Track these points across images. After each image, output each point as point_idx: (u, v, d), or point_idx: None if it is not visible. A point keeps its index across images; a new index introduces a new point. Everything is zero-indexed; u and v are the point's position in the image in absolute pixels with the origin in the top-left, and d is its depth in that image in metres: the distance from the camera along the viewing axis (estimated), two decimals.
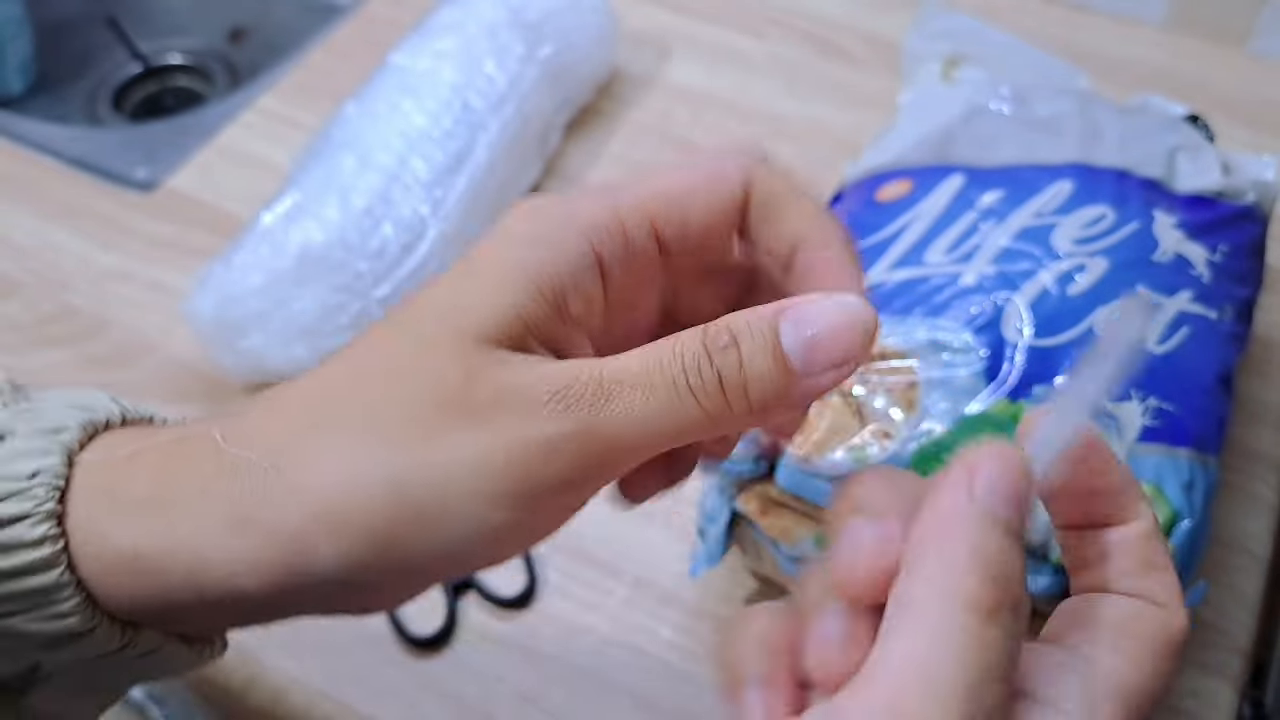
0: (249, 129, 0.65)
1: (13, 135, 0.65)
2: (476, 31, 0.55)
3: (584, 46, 0.60)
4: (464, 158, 0.51)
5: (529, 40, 0.56)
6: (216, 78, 0.84)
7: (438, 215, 0.50)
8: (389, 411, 0.19)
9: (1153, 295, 0.40)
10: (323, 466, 0.19)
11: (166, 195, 0.61)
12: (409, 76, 0.53)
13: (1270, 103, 0.65)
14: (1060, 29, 0.70)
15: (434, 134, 0.51)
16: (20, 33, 0.76)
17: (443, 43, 0.54)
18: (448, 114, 0.52)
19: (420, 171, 0.50)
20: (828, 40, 0.70)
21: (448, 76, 0.53)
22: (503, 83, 0.53)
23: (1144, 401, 0.37)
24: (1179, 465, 0.36)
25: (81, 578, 0.20)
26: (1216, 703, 0.42)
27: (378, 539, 0.19)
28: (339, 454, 0.19)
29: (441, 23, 0.56)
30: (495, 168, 0.53)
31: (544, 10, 0.58)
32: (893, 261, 0.42)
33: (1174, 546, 0.35)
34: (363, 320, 0.48)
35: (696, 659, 0.44)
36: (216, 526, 0.19)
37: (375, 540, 0.19)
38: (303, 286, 0.47)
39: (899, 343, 0.39)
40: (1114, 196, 0.43)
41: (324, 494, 0.19)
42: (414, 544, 0.19)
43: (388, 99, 0.52)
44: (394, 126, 0.51)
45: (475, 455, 0.19)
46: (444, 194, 0.50)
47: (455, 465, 0.19)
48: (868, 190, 0.47)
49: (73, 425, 0.21)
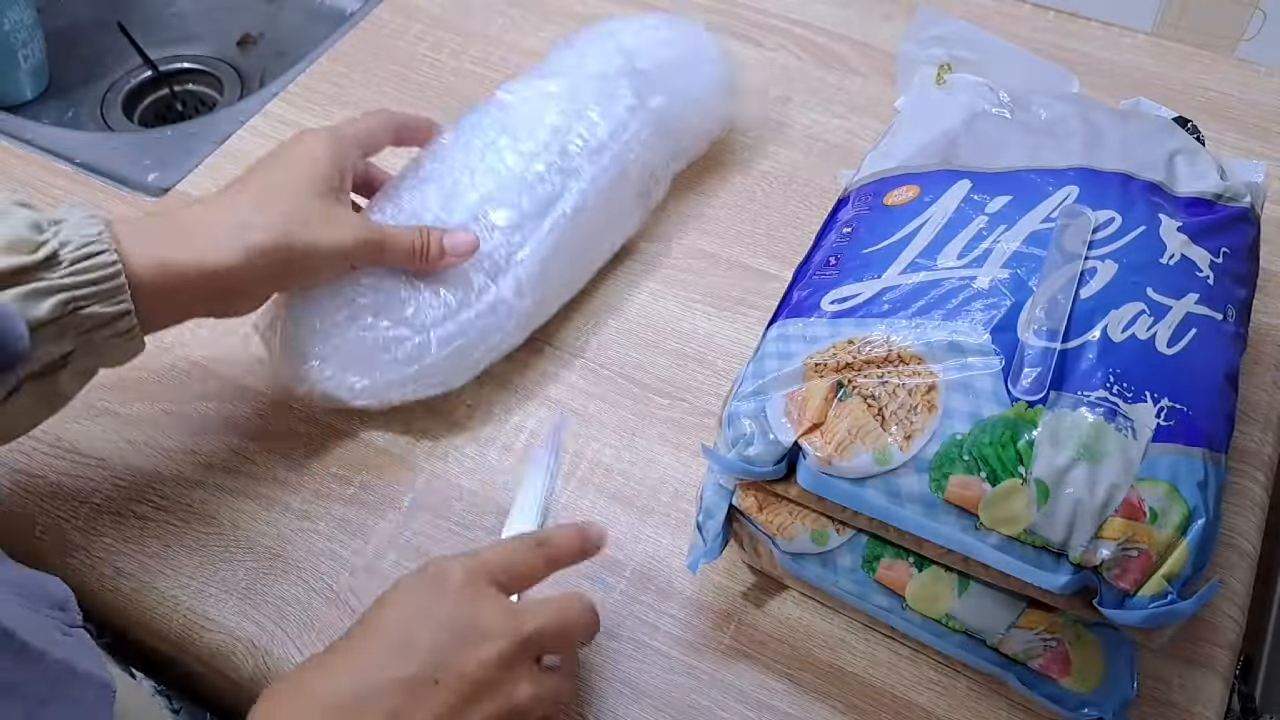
0: (258, 134, 0.66)
1: (25, 140, 0.66)
2: (587, 76, 0.54)
3: (700, 99, 0.57)
4: (552, 204, 0.50)
5: (639, 89, 0.54)
6: (226, 84, 0.85)
7: (514, 260, 0.49)
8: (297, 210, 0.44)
9: (1162, 297, 0.40)
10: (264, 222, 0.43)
11: (177, 199, 0.63)
12: (511, 114, 0.52)
13: (1258, 107, 0.66)
14: (1052, 35, 0.71)
15: (525, 176, 0.50)
16: (32, 39, 0.77)
17: (552, 84, 0.53)
18: (542, 157, 0.50)
19: (503, 214, 0.49)
20: (823, 47, 0.71)
21: (549, 119, 0.51)
22: (604, 131, 0.52)
23: (1158, 403, 0.37)
24: (1194, 464, 0.37)
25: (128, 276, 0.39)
26: (1206, 696, 0.43)
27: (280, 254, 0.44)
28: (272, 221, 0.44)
29: (555, 65, 0.55)
30: (585, 216, 0.51)
31: (659, 60, 0.56)
32: (906, 265, 0.43)
33: (1188, 544, 0.36)
34: (421, 354, 0.48)
35: (695, 651, 0.44)
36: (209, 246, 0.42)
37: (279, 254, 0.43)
38: (359, 318, 0.47)
39: (917, 345, 0.39)
40: (1120, 200, 0.43)
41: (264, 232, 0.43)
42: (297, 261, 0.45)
43: (484, 135, 0.51)
44: (486, 164, 0.50)
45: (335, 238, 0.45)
46: (524, 239, 0.49)
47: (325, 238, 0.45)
48: (875, 195, 0.48)
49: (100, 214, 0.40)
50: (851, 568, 0.41)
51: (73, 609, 0.34)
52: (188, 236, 0.42)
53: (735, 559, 0.47)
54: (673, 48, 0.57)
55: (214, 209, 0.43)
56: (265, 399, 0.53)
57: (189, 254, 0.41)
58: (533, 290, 0.50)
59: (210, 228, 0.42)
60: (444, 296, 0.48)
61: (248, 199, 0.44)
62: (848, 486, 0.39)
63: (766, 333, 0.45)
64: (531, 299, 0.50)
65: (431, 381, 0.49)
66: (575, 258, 0.53)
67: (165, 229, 0.42)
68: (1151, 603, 0.36)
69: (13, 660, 0.30)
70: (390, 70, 0.70)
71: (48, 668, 0.30)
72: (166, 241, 0.41)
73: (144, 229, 0.41)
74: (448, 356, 0.48)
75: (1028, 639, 0.39)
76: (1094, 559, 0.36)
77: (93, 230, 0.39)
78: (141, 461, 0.50)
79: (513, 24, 0.73)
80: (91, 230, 0.39)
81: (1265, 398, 0.52)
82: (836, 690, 0.43)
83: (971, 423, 0.37)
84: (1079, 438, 0.37)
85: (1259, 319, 0.54)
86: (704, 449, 0.42)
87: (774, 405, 0.40)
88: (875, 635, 0.45)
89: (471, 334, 0.49)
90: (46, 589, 0.34)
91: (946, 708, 0.43)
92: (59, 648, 0.31)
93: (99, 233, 0.39)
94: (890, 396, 0.38)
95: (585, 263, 0.54)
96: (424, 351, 0.48)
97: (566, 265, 0.52)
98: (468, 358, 0.49)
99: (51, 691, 0.30)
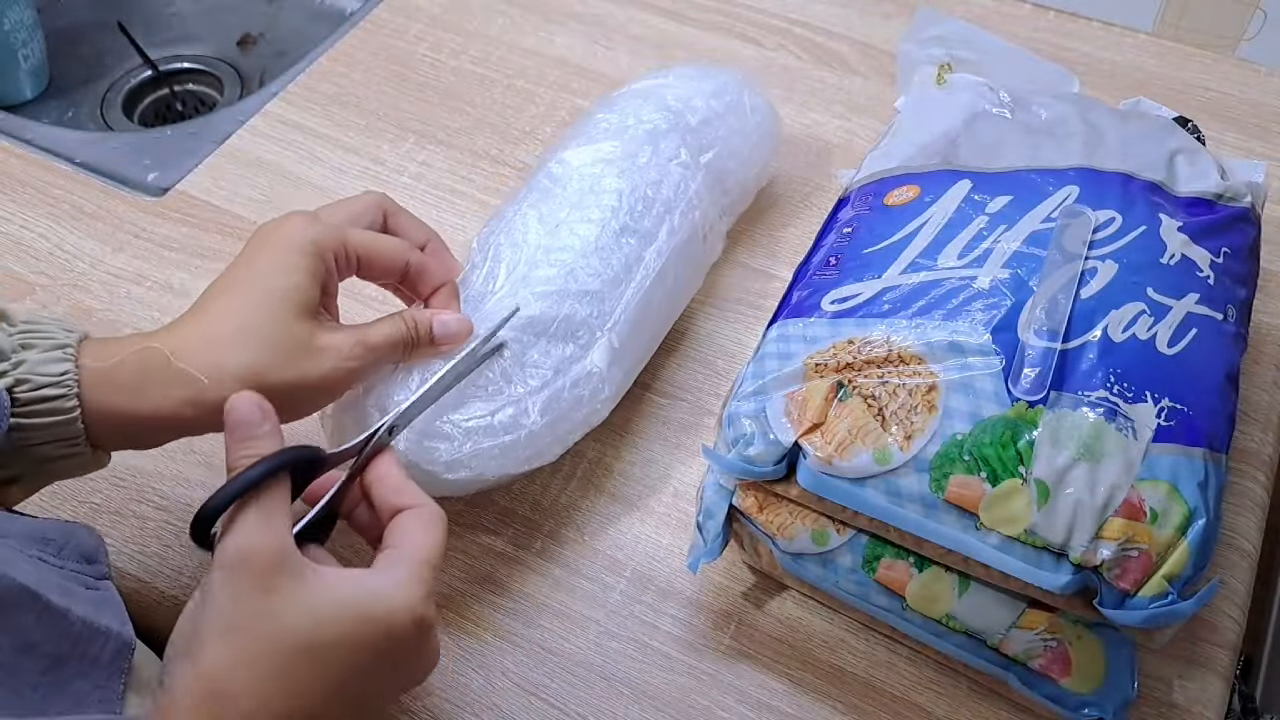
0: (258, 134, 0.66)
1: (25, 140, 0.66)
2: (639, 137, 0.52)
3: (746, 151, 0.56)
4: (631, 269, 0.48)
5: (690, 145, 0.53)
6: (226, 84, 0.85)
7: (603, 328, 0.47)
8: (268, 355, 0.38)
9: (1162, 297, 0.40)
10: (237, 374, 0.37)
11: (177, 198, 0.63)
12: (569, 186, 0.50)
13: (1259, 107, 0.66)
14: (1052, 35, 0.71)
15: (601, 243, 0.48)
16: (32, 39, 0.77)
17: (606, 146, 0.51)
18: (612, 224, 0.48)
19: (590, 284, 0.47)
20: (823, 47, 0.71)
21: (611, 184, 0.50)
22: (668, 190, 0.51)
23: (1158, 403, 0.37)
24: (1194, 465, 0.37)
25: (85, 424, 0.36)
26: (1206, 696, 0.43)
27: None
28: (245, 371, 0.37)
29: (599, 127, 0.53)
30: (663, 279, 0.49)
31: (705, 114, 0.55)
32: (906, 265, 0.43)
33: (1189, 544, 0.36)
34: (516, 426, 0.44)
35: (695, 651, 0.44)
36: (170, 404, 0.37)
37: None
38: (452, 390, 0.43)
39: (917, 345, 0.39)
40: (1120, 200, 0.43)
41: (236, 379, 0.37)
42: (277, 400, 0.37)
43: (552, 209, 0.49)
44: (560, 241, 0.48)
45: (318, 370, 0.39)
46: (611, 307, 0.47)
47: (306, 377, 0.39)
48: (875, 195, 0.48)
49: (72, 343, 0.37)
50: (852, 568, 0.41)
51: (101, 560, 0.36)
52: (159, 382, 0.37)
53: (735, 559, 0.47)
54: (717, 99, 0.55)
55: (191, 331, 0.38)
56: None
57: (155, 404, 0.37)
58: (623, 359, 0.48)
59: (177, 367, 0.37)
60: (540, 364, 0.45)
61: (221, 319, 0.38)
62: (848, 486, 0.39)
63: (767, 333, 0.45)
64: (621, 368, 0.48)
65: (523, 455, 0.45)
66: (657, 321, 0.51)
67: (133, 370, 0.37)
68: (1152, 603, 0.36)
69: (35, 619, 0.31)
70: (390, 70, 0.70)
71: (69, 625, 0.31)
72: (130, 389, 0.37)
73: (111, 374, 0.37)
74: (545, 427, 0.45)
75: (1028, 639, 0.39)
76: (1094, 559, 0.36)
77: (57, 370, 0.36)
78: (141, 461, 0.50)
79: (513, 24, 0.73)
80: (56, 369, 0.36)
81: (1266, 398, 0.52)
82: (837, 690, 0.43)
83: (972, 423, 0.37)
84: (1079, 438, 0.36)
85: (1259, 319, 0.54)
86: (704, 449, 0.42)
87: (774, 405, 0.40)
88: (875, 635, 0.45)
89: (564, 404, 0.45)
90: (76, 538, 0.36)
91: (947, 708, 0.43)
92: (81, 603, 0.32)
93: (62, 374, 0.36)
94: (890, 396, 0.38)
95: (664, 325, 0.52)
96: (520, 420, 0.44)
97: (650, 329, 0.50)
98: (559, 429, 0.46)
99: (71, 649, 0.32)
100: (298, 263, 0.39)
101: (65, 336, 0.37)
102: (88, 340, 0.38)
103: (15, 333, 0.37)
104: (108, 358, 0.37)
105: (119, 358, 0.37)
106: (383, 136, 0.66)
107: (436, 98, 0.68)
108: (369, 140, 0.66)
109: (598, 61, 0.70)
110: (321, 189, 0.63)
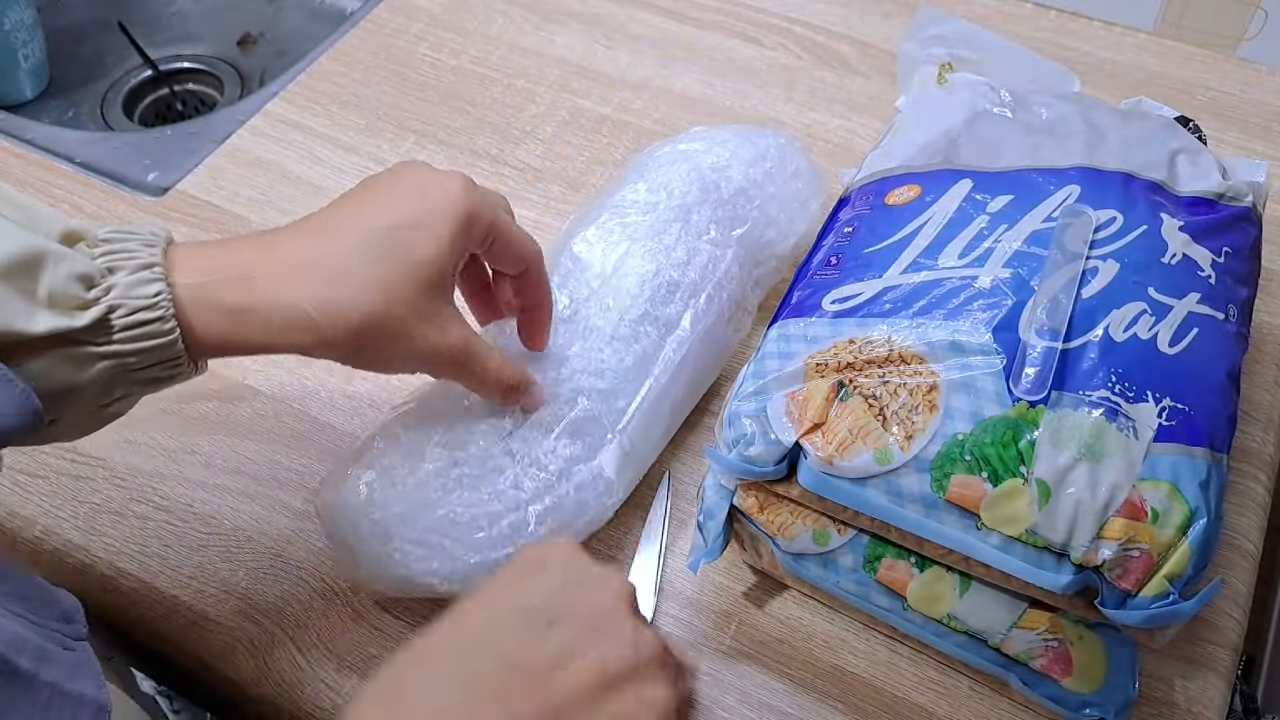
0: (258, 134, 0.66)
1: (25, 140, 0.66)
2: (668, 212, 0.49)
3: (784, 220, 0.52)
4: (650, 361, 0.45)
5: (722, 220, 0.49)
6: (226, 83, 0.85)
7: (614, 428, 0.44)
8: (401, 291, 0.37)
9: (1164, 297, 0.40)
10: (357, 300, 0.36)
11: (177, 198, 0.63)
12: (590, 270, 0.47)
13: (1260, 107, 0.66)
14: (1053, 34, 0.71)
15: (618, 334, 0.45)
16: (32, 38, 0.77)
17: (631, 217, 0.48)
18: (631, 312, 0.45)
19: (601, 382, 0.44)
20: (824, 47, 0.71)
21: (635, 265, 0.46)
22: (695, 271, 0.47)
23: (1159, 402, 0.37)
24: (1195, 464, 0.37)
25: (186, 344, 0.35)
26: (1208, 696, 0.43)
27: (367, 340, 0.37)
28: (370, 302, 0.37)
29: (629, 199, 0.50)
30: (685, 368, 0.46)
31: (742, 183, 0.51)
32: (907, 264, 0.43)
33: (1190, 544, 0.36)
34: (516, 536, 0.41)
35: (696, 651, 0.44)
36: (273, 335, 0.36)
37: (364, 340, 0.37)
38: (451, 493, 0.41)
39: (918, 345, 0.39)
40: (1121, 200, 0.43)
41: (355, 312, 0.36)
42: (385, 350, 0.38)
43: (570, 294, 0.46)
44: (575, 328, 0.45)
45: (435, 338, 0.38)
46: (625, 405, 0.44)
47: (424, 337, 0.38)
48: (876, 195, 0.48)
49: (158, 260, 0.35)
50: (853, 568, 0.41)
51: (79, 621, 0.34)
52: (260, 306, 0.35)
53: (736, 559, 0.47)
54: (756, 166, 0.52)
55: (298, 256, 0.37)
56: (265, 399, 0.53)
57: (257, 332, 0.36)
58: (635, 460, 0.45)
59: (286, 297, 0.36)
60: (544, 465, 0.42)
61: (345, 253, 0.37)
62: (849, 486, 0.39)
63: (767, 333, 0.45)
64: (632, 469, 0.45)
65: None
66: (674, 414, 0.47)
67: (235, 290, 0.35)
68: (1153, 603, 0.36)
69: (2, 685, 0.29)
70: (390, 70, 0.70)
71: (37, 691, 0.30)
72: (233, 312, 0.35)
73: (208, 293, 0.35)
74: (545, 536, 0.42)
75: (1029, 639, 0.39)
76: (1095, 559, 0.36)
77: (149, 291, 0.34)
78: (141, 461, 0.50)
79: (513, 24, 0.73)
80: (148, 291, 0.34)
81: (1267, 397, 0.52)
82: (837, 690, 0.43)
83: (973, 422, 0.37)
84: (1080, 438, 0.36)
85: (1261, 318, 0.54)
86: (705, 449, 0.42)
87: (775, 405, 0.40)
88: (876, 635, 0.45)
89: (567, 511, 0.42)
90: (54, 599, 0.34)
91: (947, 708, 0.43)
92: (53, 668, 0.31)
93: (156, 295, 0.34)
94: (891, 396, 0.38)
95: (682, 416, 0.49)
96: (519, 531, 0.41)
97: (665, 423, 0.47)
98: (559, 537, 0.42)
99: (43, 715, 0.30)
100: (448, 230, 0.37)
101: (149, 255, 0.35)
102: (173, 247, 0.36)
103: (99, 254, 0.34)
104: (203, 274, 0.35)
105: (215, 276, 0.36)
106: (383, 136, 0.66)
107: (436, 97, 0.68)
108: (369, 140, 0.66)
109: (598, 61, 0.70)
110: (322, 189, 0.63)
